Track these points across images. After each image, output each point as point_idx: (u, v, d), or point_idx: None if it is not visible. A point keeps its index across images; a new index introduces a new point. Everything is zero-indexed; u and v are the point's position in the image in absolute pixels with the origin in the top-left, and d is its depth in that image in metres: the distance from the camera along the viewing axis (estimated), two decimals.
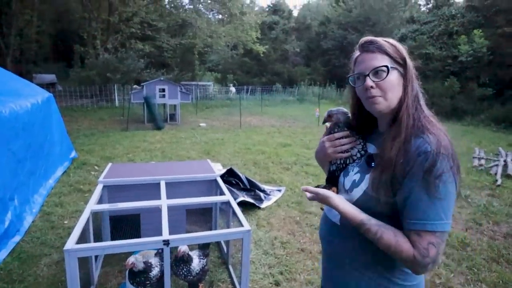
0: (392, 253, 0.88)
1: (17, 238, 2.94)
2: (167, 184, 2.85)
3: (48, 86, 11.83)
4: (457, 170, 0.87)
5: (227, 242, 2.82)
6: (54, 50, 24.79)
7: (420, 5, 24.02)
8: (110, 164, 3.26)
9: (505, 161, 6.23)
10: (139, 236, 3.00)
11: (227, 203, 2.60)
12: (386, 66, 0.92)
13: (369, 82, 0.94)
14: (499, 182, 5.16)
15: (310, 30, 29.45)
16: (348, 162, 1.06)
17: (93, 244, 1.79)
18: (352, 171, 1.04)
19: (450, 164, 0.84)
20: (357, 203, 0.96)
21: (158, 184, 2.87)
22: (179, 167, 3.38)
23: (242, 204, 3.75)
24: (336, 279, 1.11)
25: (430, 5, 19.79)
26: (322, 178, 5.16)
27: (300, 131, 9.82)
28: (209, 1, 18.06)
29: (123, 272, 2.60)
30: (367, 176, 0.97)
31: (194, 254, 2.29)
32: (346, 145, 1.05)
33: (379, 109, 0.96)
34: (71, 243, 1.76)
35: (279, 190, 4.59)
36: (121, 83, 14.13)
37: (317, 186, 1.04)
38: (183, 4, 19.14)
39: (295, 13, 32.16)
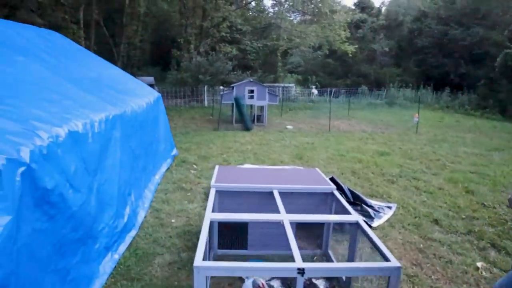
0: None
1: (133, 233, 3.03)
2: (280, 194, 2.59)
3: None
4: None
5: None
6: (152, 55, 27.82)
7: None
8: (217, 167, 3.17)
9: None
10: (245, 246, 2.84)
11: (355, 224, 2.19)
12: None
13: None
14: None
15: (401, 27, 26.72)
16: None
17: (223, 264, 1.58)
18: None
19: None
20: None
21: (270, 193, 2.64)
22: (288, 175, 3.10)
23: None
24: None
25: None
26: (439, 195, 4.19)
27: (396, 138, 8.75)
28: (292, 3, 17.76)
29: (233, 285, 2.42)
30: None
31: (321, 285, 1.95)
32: None
33: None
34: (199, 260, 1.60)
35: (390, 207, 3.96)
36: (209, 85, 14.91)
37: None
38: (267, 7, 19.42)
39: (383, 10, 29.66)
